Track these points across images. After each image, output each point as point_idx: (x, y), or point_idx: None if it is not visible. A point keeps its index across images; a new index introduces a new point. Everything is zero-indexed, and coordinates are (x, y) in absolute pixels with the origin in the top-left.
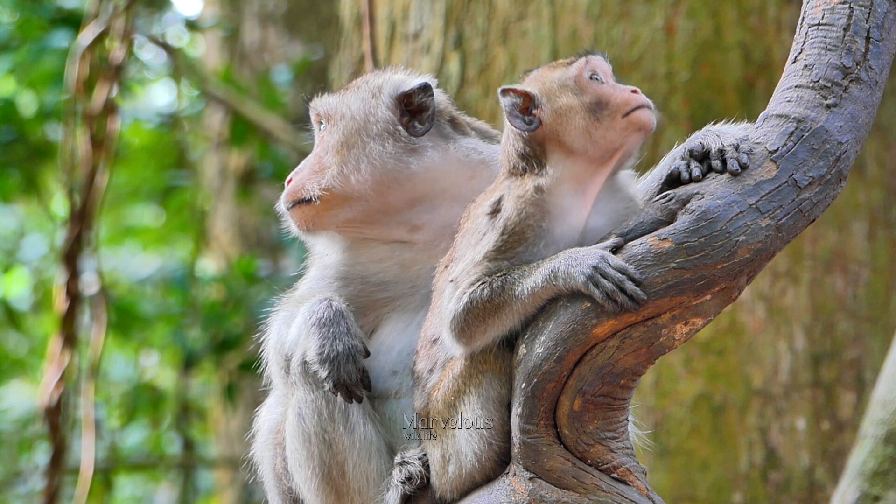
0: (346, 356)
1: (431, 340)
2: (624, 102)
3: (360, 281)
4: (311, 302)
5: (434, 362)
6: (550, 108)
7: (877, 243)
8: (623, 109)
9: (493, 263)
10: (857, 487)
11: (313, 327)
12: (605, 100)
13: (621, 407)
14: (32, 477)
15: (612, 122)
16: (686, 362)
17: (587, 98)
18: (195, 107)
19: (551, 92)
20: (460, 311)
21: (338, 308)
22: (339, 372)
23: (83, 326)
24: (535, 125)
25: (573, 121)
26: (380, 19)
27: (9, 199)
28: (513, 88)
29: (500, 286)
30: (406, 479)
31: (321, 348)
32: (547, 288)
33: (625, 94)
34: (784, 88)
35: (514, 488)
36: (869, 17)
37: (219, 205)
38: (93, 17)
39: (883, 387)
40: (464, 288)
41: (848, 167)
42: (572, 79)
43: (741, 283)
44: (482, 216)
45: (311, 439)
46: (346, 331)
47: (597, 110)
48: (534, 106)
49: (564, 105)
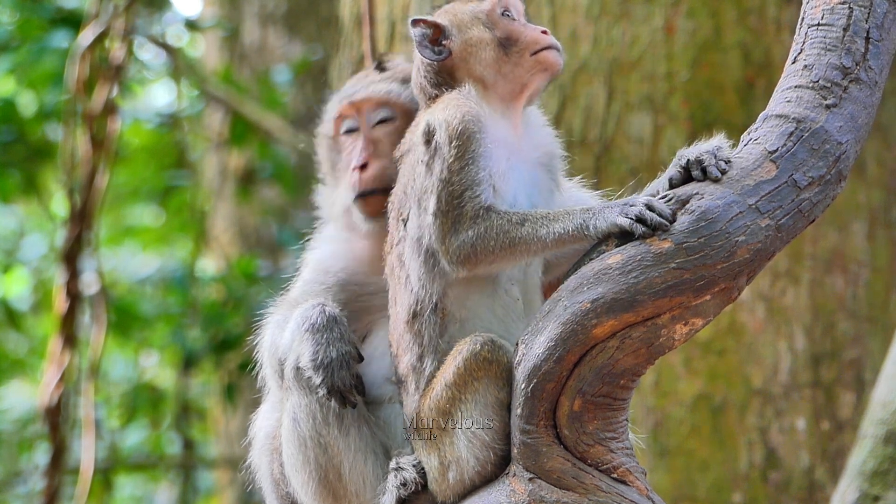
0: (340, 362)
1: (410, 319)
2: (533, 41)
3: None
4: (305, 307)
5: (421, 344)
6: (461, 39)
7: (877, 243)
8: (532, 48)
9: (464, 174)
10: (856, 487)
11: (307, 333)
12: (515, 37)
13: (621, 407)
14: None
15: (521, 58)
16: (686, 362)
17: (498, 33)
18: (195, 107)
19: (462, 24)
20: (469, 238)
21: (331, 313)
22: (333, 378)
23: (83, 326)
24: (444, 55)
25: (483, 53)
26: (380, 19)
27: (9, 199)
28: (423, 19)
29: (520, 222)
30: (401, 484)
31: (315, 354)
32: (575, 234)
33: (535, 33)
34: (784, 89)
35: (513, 489)
36: (868, 17)
37: (219, 205)
38: (93, 17)
39: (883, 387)
40: (469, 215)
41: (848, 167)
42: (484, 13)
43: (741, 283)
44: (419, 148)
45: (306, 443)
46: (339, 336)
47: (506, 45)
48: (444, 37)
49: (475, 37)
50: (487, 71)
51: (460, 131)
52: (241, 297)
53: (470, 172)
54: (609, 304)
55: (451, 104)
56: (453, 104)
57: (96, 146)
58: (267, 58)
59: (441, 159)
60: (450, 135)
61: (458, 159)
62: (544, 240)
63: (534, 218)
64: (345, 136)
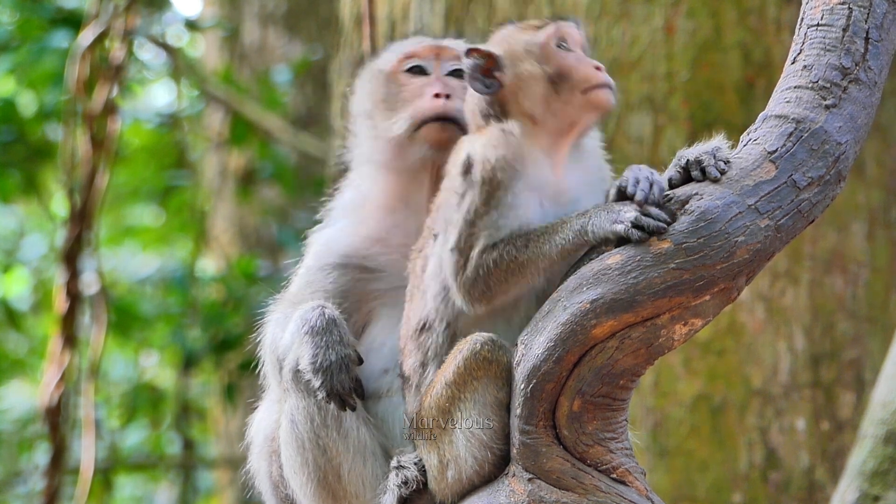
0: (339, 365)
1: (418, 330)
2: (584, 79)
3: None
4: (305, 309)
5: (425, 354)
6: (513, 73)
7: (876, 243)
8: (582, 86)
9: (488, 219)
10: (856, 487)
11: (306, 336)
12: (567, 72)
13: (620, 407)
14: (32, 477)
15: (571, 96)
16: (686, 362)
17: (549, 68)
18: (195, 107)
19: (515, 56)
20: (481, 276)
21: (330, 316)
22: (332, 381)
23: (83, 326)
24: (495, 89)
25: (533, 88)
26: (380, 19)
27: (9, 199)
28: (477, 49)
29: (525, 244)
30: (402, 483)
31: (314, 357)
32: (577, 242)
33: (588, 70)
34: (783, 89)
35: (513, 489)
36: (868, 17)
37: (219, 205)
38: (93, 17)
39: (883, 387)
40: (478, 251)
41: (847, 168)
42: (538, 45)
43: (740, 283)
44: (456, 178)
45: (304, 445)
46: (338, 340)
47: (557, 82)
48: (496, 68)
49: (526, 71)
50: (536, 107)
51: (492, 178)
52: (241, 297)
53: (492, 218)
54: (608, 304)
55: (492, 142)
56: (493, 143)
57: (96, 146)
58: (267, 58)
59: (471, 198)
60: (483, 177)
61: (484, 203)
62: (549, 254)
63: (535, 235)
64: (406, 73)
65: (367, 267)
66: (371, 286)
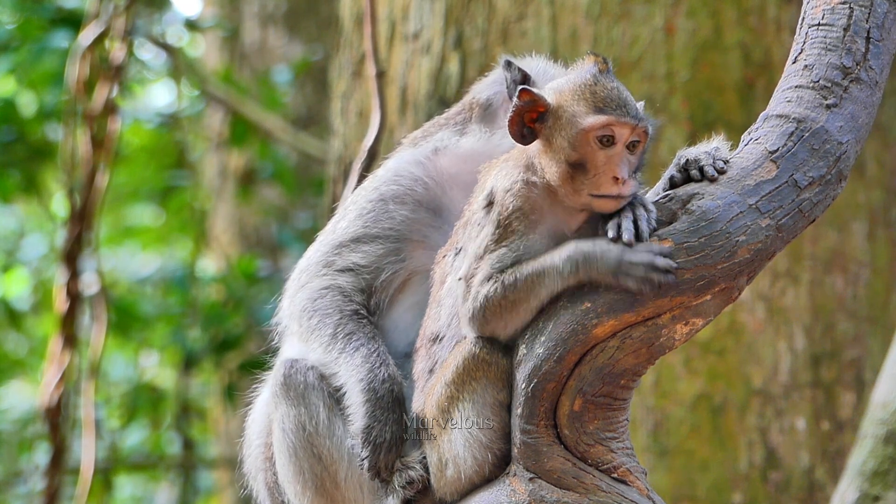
0: (391, 446)
1: (431, 339)
2: (595, 186)
3: (413, 203)
4: (373, 359)
5: (434, 362)
6: (549, 133)
7: (877, 243)
8: (592, 190)
9: (494, 255)
10: (856, 487)
11: (367, 402)
12: (586, 170)
13: (621, 407)
14: (32, 477)
15: (580, 188)
16: (686, 362)
17: (574, 155)
18: (195, 107)
19: (559, 121)
20: (478, 309)
21: (398, 394)
22: (380, 458)
23: (83, 326)
24: (528, 140)
25: (554, 161)
26: (380, 19)
27: (9, 199)
28: (532, 92)
29: (513, 282)
30: (407, 483)
31: (369, 429)
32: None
33: (605, 177)
34: (784, 88)
35: (514, 488)
36: (869, 17)
37: (219, 205)
38: (93, 17)
39: (883, 387)
40: (477, 286)
41: (848, 167)
42: (583, 129)
43: (741, 283)
44: (479, 209)
45: (297, 453)
46: (397, 419)
47: (575, 168)
48: (541, 119)
49: (557, 143)
50: (552, 176)
51: (507, 224)
52: (241, 298)
53: (502, 255)
54: (609, 303)
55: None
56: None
57: (96, 146)
58: (267, 58)
59: (487, 233)
60: (500, 217)
61: (496, 242)
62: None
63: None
64: None
65: (431, 203)
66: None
